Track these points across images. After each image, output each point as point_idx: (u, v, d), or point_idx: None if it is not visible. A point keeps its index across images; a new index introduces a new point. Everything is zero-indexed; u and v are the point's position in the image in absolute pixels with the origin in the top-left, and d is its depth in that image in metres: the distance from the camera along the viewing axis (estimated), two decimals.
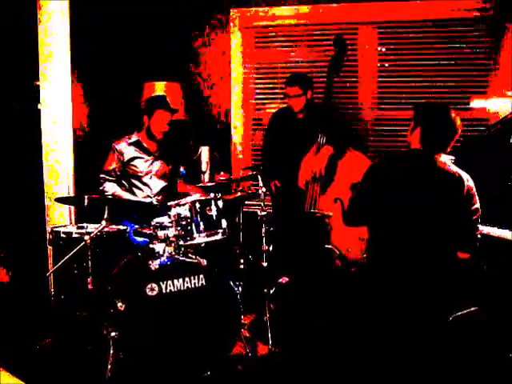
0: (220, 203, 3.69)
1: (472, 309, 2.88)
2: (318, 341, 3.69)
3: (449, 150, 2.98)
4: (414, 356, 2.87)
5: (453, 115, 2.94)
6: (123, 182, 4.17)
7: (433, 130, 2.95)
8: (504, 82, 4.62)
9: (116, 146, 4.15)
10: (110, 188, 4.07)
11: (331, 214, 4.03)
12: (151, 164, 4.23)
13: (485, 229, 3.15)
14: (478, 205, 2.86)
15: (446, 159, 2.96)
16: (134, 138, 4.22)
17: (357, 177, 3.81)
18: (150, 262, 3.32)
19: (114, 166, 4.14)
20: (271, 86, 5.32)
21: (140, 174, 4.16)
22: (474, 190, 2.85)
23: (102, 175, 4.13)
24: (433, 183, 2.88)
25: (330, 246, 4.03)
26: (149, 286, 3.16)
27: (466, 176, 2.86)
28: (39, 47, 4.25)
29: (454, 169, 2.88)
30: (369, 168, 3.18)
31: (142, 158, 4.20)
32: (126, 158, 4.15)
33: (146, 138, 4.21)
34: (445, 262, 2.87)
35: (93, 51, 4.64)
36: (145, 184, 4.18)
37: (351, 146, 4.24)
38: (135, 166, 4.17)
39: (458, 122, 2.94)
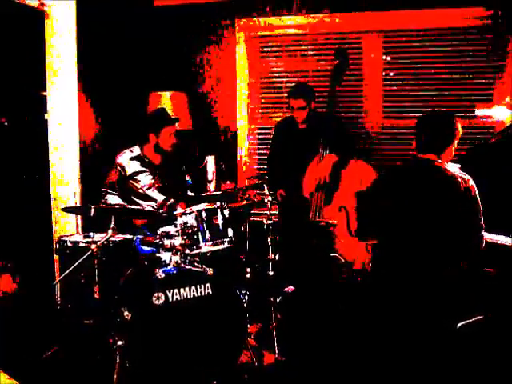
0: (226, 212, 3.70)
1: (478, 317, 2.87)
2: (324, 350, 3.68)
3: (448, 151, 2.98)
4: (422, 365, 2.86)
5: (450, 118, 2.98)
6: (124, 196, 4.16)
7: (430, 133, 2.99)
8: (510, 89, 4.62)
9: (117, 161, 4.13)
10: (112, 200, 4.05)
11: (336, 222, 4.03)
12: (154, 177, 4.20)
13: (491, 237, 3.15)
14: (481, 210, 2.87)
15: (452, 166, 2.97)
16: (137, 151, 4.18)
17: (361, 185, 3.86)
18: (157, 270, 3.33)
19: (115, 180, 4.13)
20: (276, 95, 5.34)
21: (140, 191, 4.10)
22: (477, 193, 2.86)
23: (103, 188, 4.13)
24: (438, 190, 2.89)
25: (335, 255, 4.03)
26: (155, 294, 3.16)
27: (470, 180, 2.86)
28: (46, 57, 4.28)
29: (458, 173, 2.89)
30: (374, 181, 3.22)
31: (145, 171, 4.15)
32: (129, 172, 4.10)
33: (153, 152, 4.18)
34: (452, 269, 2.86)
35: (99, 62, 4.67)
36: (148, 197, 4.15)
37: (355, 155, 4.26)
38: (137, 181, 4.10)
39: (459, 127, 2.97)
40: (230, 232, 3.67)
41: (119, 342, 3.15)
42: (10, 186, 4.25)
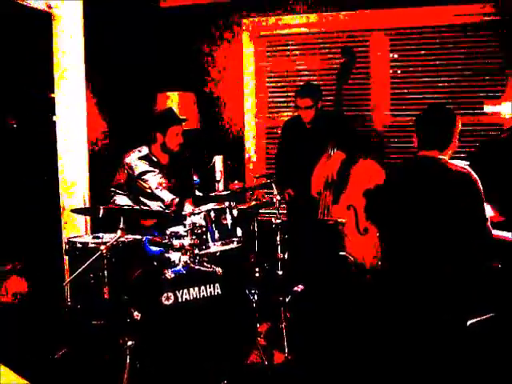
0: (235, 212, 3.70)
1: (489, 315, 2.85)
2: (334, 349, 3.67)
3: (451, 147, 2.96)
4: (433, 365, 2.85)
5: (449, 113, 3.00)
6: (132, 196, 4.15)
7: (432, 130, 2.99)
8: None
9: (125, 161, 4.12)
10: (121, 201, 4.05)
11: (344, 220, 4.02)
12: (162, 176, 4.20)
13: (498, 233, 3.13)
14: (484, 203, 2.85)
15: (459, 162, 2.95)
16: (145, 151, 4.17)
17: (370, 183, 3.85)
18: (166, 271, 3.33)
19: (123, 180, 4.14)
20: (284, 94, 5.34)
21: (149, 191, 4.09)
22: (481, 186, 2.84)
23: (112, 189, 4.14)
24: (444, 187, 2.87)
25: (344, 253, 4.02)
26: (165, 294, 3.16)
27: (473, 174, 2.85)
28: (54, 58, 4.28)
29: (460, 168, 2.87)
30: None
31: (153, 171, 4.14)
32: (137, 172, 4.10)
33: (160, 152, 4.18)
34: (461, 267, 2.85)
35: (107, 63, 4.68)
36: (157, 197, 4.14)
37: (363, 153, 4.24)
38: (145, 181, 4.10)
39: (458, 121, 2.96)
40: (239, 231, 3.67)
41: (129, 343, 3.15)
42: (19, 188, 4.27)
